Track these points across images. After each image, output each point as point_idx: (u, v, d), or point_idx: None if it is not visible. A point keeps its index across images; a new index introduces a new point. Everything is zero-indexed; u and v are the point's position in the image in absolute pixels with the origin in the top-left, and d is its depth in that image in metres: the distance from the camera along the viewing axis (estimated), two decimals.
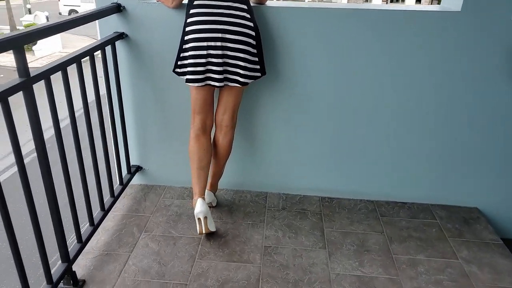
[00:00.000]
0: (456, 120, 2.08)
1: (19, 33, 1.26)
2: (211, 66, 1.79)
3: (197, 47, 1.76)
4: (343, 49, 1.99)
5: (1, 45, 1.20)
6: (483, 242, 1.98)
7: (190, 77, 1.83)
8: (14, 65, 6.37)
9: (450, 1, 1.95)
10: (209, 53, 1.76)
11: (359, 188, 2.32)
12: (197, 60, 1.78)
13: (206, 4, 1.75)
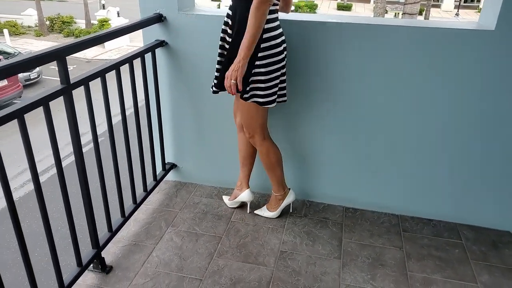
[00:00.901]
0: (491, 138, 2.01)
1: (61, 47, 1.43)
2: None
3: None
4: (381, 65, 2.00)
5: (46, 57, 1.38)
6: (508, 268, 1.90)
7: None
8: (85, 57, 6.98)
9: (485, 19, 1.89)
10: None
11: (385, 201, 2.30)
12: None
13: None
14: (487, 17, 1.87)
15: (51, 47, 1.45)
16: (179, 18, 2.12)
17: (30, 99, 1.40)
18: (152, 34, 2.18)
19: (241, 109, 1.98)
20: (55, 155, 1.51)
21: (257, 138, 2.02)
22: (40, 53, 1.40)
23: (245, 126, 2.02)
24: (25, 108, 1.34)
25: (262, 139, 2.03)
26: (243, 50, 1.68)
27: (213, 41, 1.99)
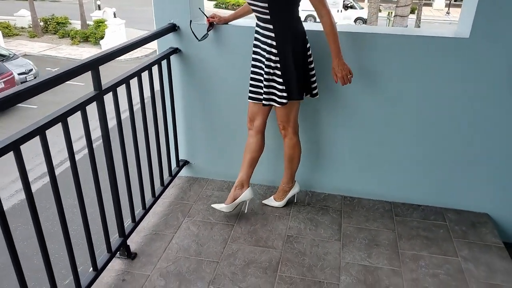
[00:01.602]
0: (470, 130, 2.27)
1: (94, 58, 1.66)
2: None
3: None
4: (375, 71, 2.26)
5: (81, 68, 1.61)
6: (485, 244, 2.17)
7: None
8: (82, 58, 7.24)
9: (461, 27, 2.15)
10: None
11: (379, 190, 2.56)
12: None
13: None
14: (463, 25, 2.13)
15: (85, 59, 1.67)
16: (192, 28, 2.35)
17: (68, 105, 1.61)
18: (166, 41, 2.40)
19: (276, 107, 2.18)
20: (91, 154, 1.74)
21: (290, 131, 2.25)
22: (76, 66, 1.61)
23: (282, 121, 2.23)
24: (66, 113, 1.56)
25: (294, 133, 2.28)
26: (338, 52, 2.04)
27: (222, 48, 2.27)
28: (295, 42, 2.05)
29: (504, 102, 2.15)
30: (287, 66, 2.05)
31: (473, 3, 2.02)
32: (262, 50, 2.08)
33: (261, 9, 2.00)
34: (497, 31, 2.02)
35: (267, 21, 2.03)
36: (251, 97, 2.20)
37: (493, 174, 2.33)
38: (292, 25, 2.04)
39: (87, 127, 1.68)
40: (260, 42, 2.09)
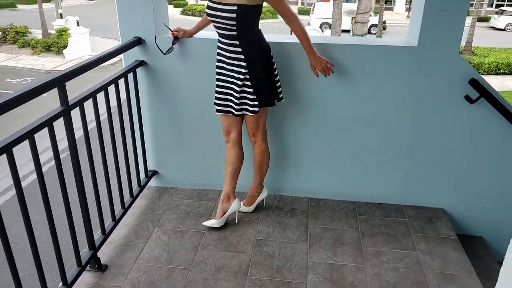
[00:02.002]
0: (423, 132, 2.42)
1: (60, 75, 1.69)
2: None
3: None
4: (335, 79, 2.38)
5: (47, 85, 1.63)
6: (440, 237, 2.32)
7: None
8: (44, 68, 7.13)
9: (410, 37, 2.31)
10: None
11: (343, 191, 2.68)
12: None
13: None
14: (412, 35, 2.29)
15: (51, 76, 1.70)
16: (156, 40, 2.40)
17: (35, 122, 1.63)
18: (131, 54, 2.43)
19: (246, 116, 2.26)
20: (59, 169, 1.76)
21: (259, 137, 2.34)
22: (42, 83, 1.63)
23: (252, 128, 2.31)
24: (33, 130, 1.58)
25: (263, 139, 2.37)
26: (312, 50, 2.19)
27: (187, 60, 2.36)
28: (261, 54, 2.16)
29: (451, 105, 2.32)
30: (257, 77, 2.15)
31: (419, 13, 2.18)
32: (229, 65, 2.15)
33: (227, 26, 2.07)
34: (443, 40, 2.19)
35: (233, 37, 2.10)
36: (220, 110, 2.27)
37: (447, 171, 2.50)
38: (257, 38, 2.15)
39: (55, 143, 1.70)
40: (226, 58, 2.16)
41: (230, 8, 2.01)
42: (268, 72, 2.20)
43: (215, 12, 2.07)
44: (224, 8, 2.02)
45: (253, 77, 2.14)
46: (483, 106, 2.28)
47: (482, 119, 2.32)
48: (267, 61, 2.19)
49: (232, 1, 2.01)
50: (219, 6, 2.04)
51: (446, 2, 2.13)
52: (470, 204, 2.53)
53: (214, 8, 2.07)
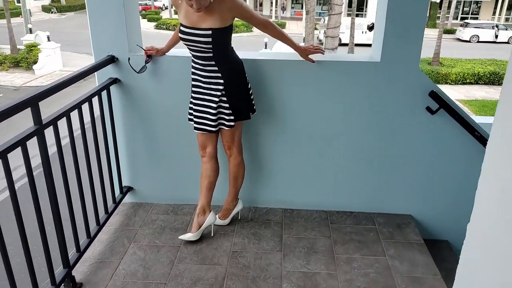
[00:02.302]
0: (389, 143, 2.54)
1: (34, 95, 1.72)
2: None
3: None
4: (306, 93, 2.48)
5: (21, 105, 1.66)
6: (408, 242, 2.42)
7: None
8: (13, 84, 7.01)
9: (374, 52, 2.44)
10: None
11: (315, 201, 2.76)
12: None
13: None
14: (375, 50, 2.42)
15: (25, 97, 1.72)
16: (130, 58, 2.44)
17: (8, 142, 1.65)
18: (105, 72, 2.47)
19: (222, 130, 2.32)
20: (32, 186, 1.77)
21: (234, 150, 2.40)
22: (16, 103, 1.66)
23: (228, 142, 2.37)
24: (6, 150, 1.60)
25: (239, 152, 2.43)
26: (295, 44, 2.35)
27: (160, 77, 2.41)
28: (237, 71, 2.24)
29: (414, 116, 2.45)
30: (233, 93, 2.23)
31: (381, 32, 2.31)
32: (206, 84, 2.21)
33: (203, 49, 2.12)
34: (404, 55, 2.32)
35: (209, 58, 2.16)
36: (198, 128, 2.31)
37: (413, 180, 2.62)
38: (231, 56, 2.23)
39: (28, 162, 1.71)
40: (202, 77, 2.21)
41: (204, 32, 2.08)
42: (243, 87, 2.28)
43: (189, 36, 2.12)
44: (198, 33, 2.09)
45: (230, 94, 2.22)
46: (443, 117, 2.41)
47: (443, 128, 2.45)
48: (242, 76, 2.27)
49: (206, 25, 2.08)
50: (193, 31, 2.10)
51: (405, 21, 2.27)
52: (435, 210, 2.66)
53: (188, 33, 2.12)
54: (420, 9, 2.25)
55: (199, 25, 2.09)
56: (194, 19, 2.11)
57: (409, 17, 2.26)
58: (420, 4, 2.24)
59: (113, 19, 2.39)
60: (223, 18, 2.10)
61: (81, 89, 2.36)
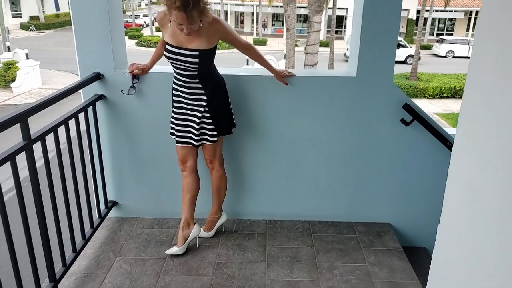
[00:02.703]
0: (366, 155, 2.65)
1: (23, 111, 1.76)
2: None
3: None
4: (286, 107, 2.59)
5: (10, 121, 1.70)
6: (387, 250, 2.52)
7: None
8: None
9: (350, 68, 2.57)
10: None
11: (298, 211, 2.84)
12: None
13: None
14: (351, 66, 2.55)
15: (14, 113, 1.77)
16: (115, 75, 2.51)
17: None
18: (91, 88, 2.52)
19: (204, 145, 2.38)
20: (20, 202, 1.80)
21: (216, 164, 2.46)
22: (5, 119, 1.71)
23: (210, 155, 2.43)
24: None
25: (220, 165, 2.50)
26: (272, 67, 2.49)
27: (145, 92, 2.49)
28: (220, 88, 2.34)
29: (390, 128, 2.57)
30: (216, 109, 2.30)
31: (356, 48, 2.45)
32: (189, 100, 2.28)
33: (189, 67, 2.20)
34: (378, 70, 2.45)
35: (193, 76, 2.23)
36: (181, 142, 2.36)
37: (391, 189, 2.73)
38: (214, 74, 2.32)
39: (17, 177, 1.75)
40: (185, 93, 2.28)
41: (192, 53, 2.16)
42: (225, 103, 2.37)
43: (176, 56, 2.19)
44: (186, 53, 2.17)
45: (213, 110, 2.29)
46: (417, 128, 2.54)
47: (417, 139, 2.58)
48: (224, 93, 2.37)
49: (193, 46, 2.16)
50: (180, 50, 2.18)
51: (378, 39, 2.41)
52: (412, 218, 2.77)
53: (175, 52, 2.19)
54: (392, 27, 2.39)
55: (186, 46, 2.17)
56: (181, 39, 2.18)
57: (382, 35, 2.40)
58: (392, 22, 2.39)
59: (98, 36, 2.46)
60: (210, 40, 2.19)
61: (62, 106, 2.41)
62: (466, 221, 1.19)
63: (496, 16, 0.95)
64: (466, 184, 1.21)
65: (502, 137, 0.93)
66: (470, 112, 1.12)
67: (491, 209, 0.99)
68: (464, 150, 1.19)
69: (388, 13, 2.36)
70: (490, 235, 0.99)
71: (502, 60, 0.93)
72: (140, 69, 2.50)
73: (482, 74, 1.03)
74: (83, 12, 2.42)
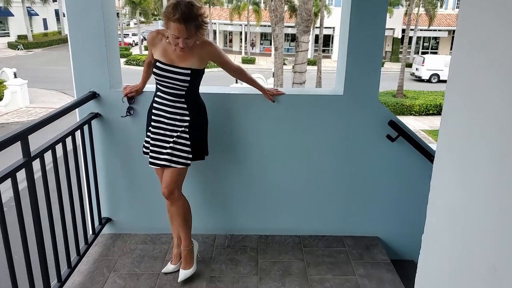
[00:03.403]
0: (354, 171, 2.75)
1: (23, 129, 1.83)
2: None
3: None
4: (272, 124, 2.68)
5: (10, 140, 1.76)
6: (376, 262, 2.59)
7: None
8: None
9: (337, 86, 2.69)
10: None
11: (289, 226, 2.91)
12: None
13: None
14: (338, 84, 2.66)
15: (15, 131, 1.83)
16: (111, 94, 2.59)
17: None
18: (87, 107, 2.58)
19: (173, 169, 2.29)
20: (20, 221, 1.85)
21: (177, 193, 2.33)
22: (6, 137, 1.77)
23: (171, 185, 2.29)
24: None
25: (180, 192, 2.37)
26: (261, 87, 2.58)
27: (139, 111, 2.56)
28: (202, 113, 2.36)
29: (376, 144, 2.68)
30: (197, 132, 2.29)
31: (343, 66, 2.57)
32: (170, 119, 2.24)
33: (178, 86, 2.20)
34: (364, 88, 2.57)
35: (180, 96, 2.23)
36: (156, 164, 2.31)
37: (379, 203, 2.82)
38: (198, 96, 2.34)
39: (17, 193, 1.80)
40: (166, 112, 2.24)
41: (184, 71, 2.18)
42: (204, 128, 2.38)
43: (166, 73, 2.19)
44: (177, 71, 2.18)
45: (193, 132, 2.27)
46: (402, 144, 2.65)
47: (403, 154, 2.69)
48: (205, 119, 2.37)
49: (185, 65, 2.20)
50: (172, 68, 2.19)
51: (364, 59, 2.54)
52: (400, 232, 2.85)
53: (165, 69, 2.20)
54: (376, 47, 2.52)
55: (178, 64, 2.21)
56: (172, 57, 2.22)
57: (367, 55, 2.53)
58: (377, 43, 2.52)
59: (95, 57, 2.53)
60: (202, 60, 2.25)
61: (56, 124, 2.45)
62: (447, 228, 1.27)
63: (472, 35, 1.07)
64: (447, 195, 1.30)
65: (479, 149, 1.02)
66: (449, 127, 1.22)
67: (471, 218, 1.08)
68: (445, 163, 1.29)
69: (373, 35, 2.49)
70: (471, 245, 1.07)
71: (476, 78, 1.04)
72: (134, 90, 2.56)
73: (459, 93, 1.13)
74: (80, 33, 2.50)
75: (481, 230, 1.03)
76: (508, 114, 0.89)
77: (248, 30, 33.67)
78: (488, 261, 1.00)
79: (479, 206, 1.03)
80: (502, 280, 0.93)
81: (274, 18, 13.20)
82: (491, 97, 0.97)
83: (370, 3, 2.45)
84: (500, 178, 0.93)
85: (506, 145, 0.90)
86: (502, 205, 0.93)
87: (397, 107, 18.29)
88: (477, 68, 1.04)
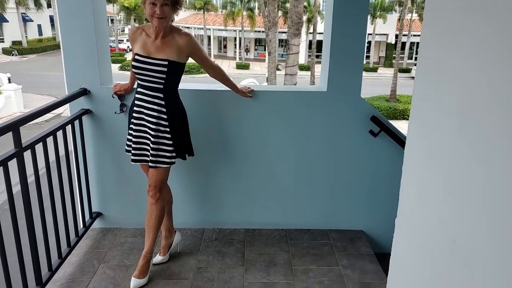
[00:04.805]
0: (340, 166, 2.84)
1: (15, 120, 1.90)
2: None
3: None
4: (260, 120, 2.76)
5: (3, 130, 1.83)
6: (359, 254, 2.67)
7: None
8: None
9: (321, 83, 2.78)
10: None
11: (275, 220, 2.98)
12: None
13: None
14: (322, 81, 2.75)
15: (7, 122, 1.90)
16: (101, 90, 2.66)
17: None
18: (77, 103, 2.66)
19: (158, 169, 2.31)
20: (11, 208, 1.91)
21: (163, 189, 2.39)
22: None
23: (157, 183, 2.33)
24: None
25: (166, 189, 2.45)
26: (235, 86, 2.59)
27: (127, 107, 2.60)
28: (179, 108, 2.36)
29: (359, 139, 2.77)
30: (176, 129, 2.29)
31: (326, 64, 2.66)
32: (149, 116, 2.24)
33: (155, 79, 2.20)
34: (347, 85, 2.67)
35: (158, 90, 2.22)
36: (137, 160, 2.35)
37: (363, 198, 2.90)
38: (177, 93, 2.36)
39: (9, 181, 1.86)
40: (147, 109, 2.24)
41: (161, 62, 2.18)
42: (184, 126, 2.37)
43: (144, 65, 2.20)
44: (154, 62, 2.18)
45: (173, 130, 2.27)
46: (385, 138, 2.75)
47: (385, 149, 2.78)
48: (185, 118, 2.38)
49: (163, 56, 2.19)
50: (149, 60, 2.19)
51: (346, 57, 2.63)
52: (383, 225, 2.93)
53: (143, 61, 2.20)
54: (358, 46, 2.62)
55: (155, 55, 2.19)
56: (151, 50, 2.21)
57: (350, 53, 2.62)
58: (358, 41, 2.61)
59: (85, 54, 2.60)
60: (180, 52, 2.23)
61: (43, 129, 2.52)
62: (419, 210, 1.35)
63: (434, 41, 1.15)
64: (416, 177, 1.38)
65: (445, 135, 1.10)
66: (418, 114, 1.30)
67: (435, 197, 1.15)
68: (413, 148, 1.37)
69: (354, 35, 2.59)
70: (435, 221, 1.15)
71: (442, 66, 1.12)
72: (123, 89, 2.62)
73: (427, 79, 1.21)
74: (71, 31, 2.57)
75: (442, 207, 1.10)
76: (469, 97, 0.96)
77: (242, 35, 33.87)
78: (448, 234, 1.08)
79: (443, 185, 1.10)
80: (462, 249, 1.00)
81: (267, 24, 13.36)
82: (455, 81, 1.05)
83: (351, 4, 2.55)
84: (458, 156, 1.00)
85: (465, 124, 0.98)
86: (461, 181, 1.00)
87: (390, 112, 18.46)
88: (443, 55, 1.11)
